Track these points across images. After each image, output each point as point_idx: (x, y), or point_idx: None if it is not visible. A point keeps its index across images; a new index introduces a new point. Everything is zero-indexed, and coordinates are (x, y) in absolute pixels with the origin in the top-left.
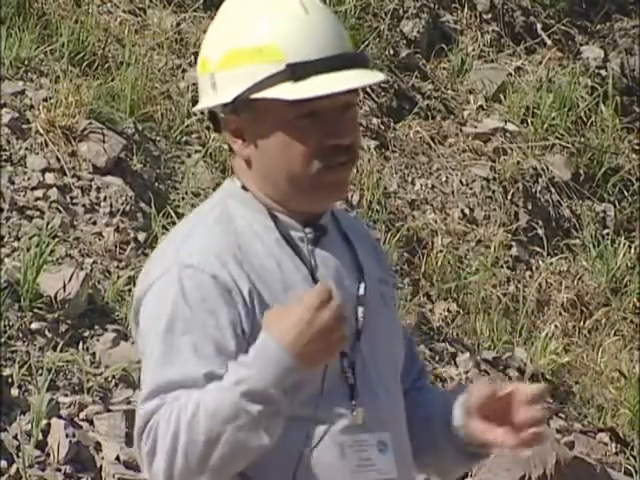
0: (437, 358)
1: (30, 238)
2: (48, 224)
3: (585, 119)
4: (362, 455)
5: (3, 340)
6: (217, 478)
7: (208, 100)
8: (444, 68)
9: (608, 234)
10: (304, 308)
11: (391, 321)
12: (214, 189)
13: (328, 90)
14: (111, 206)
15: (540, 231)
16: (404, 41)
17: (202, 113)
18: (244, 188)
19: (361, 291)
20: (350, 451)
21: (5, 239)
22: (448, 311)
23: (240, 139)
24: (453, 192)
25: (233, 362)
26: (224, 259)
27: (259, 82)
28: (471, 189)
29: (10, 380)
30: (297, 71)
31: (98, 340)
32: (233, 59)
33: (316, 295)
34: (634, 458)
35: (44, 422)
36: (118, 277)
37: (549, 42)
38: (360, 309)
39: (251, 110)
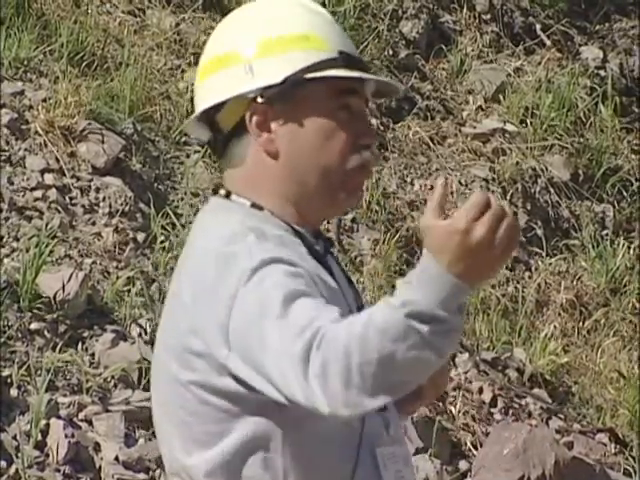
0: None
1: (29, 238)
2: (47, 224)
3: (584, 119)
4: (396, 467)
5: (2, 340)
6: (393, 396)
7: (242, 86)
8: (443, 68)
9: (607, 234)
10: (462, 223)
11: None
12: (214, 189)
13: (384, 79)
14: (110, 206)
15: (539, 231)
16: (403, 42)
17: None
18: (254, 206)
19: (359, 301)
20: (389, 463)
21: (4, 239)
22: None
23: (266, 132)
24: (452, 192)
25: (399, 280)
26: (299, 262)
27: (312, 64)
28: (470, 189)
29: (9, 380)
30: (348, 60)
31: (97, 340)
32: (276, 46)
33: (474, 207)
34: (633, 458)
35: (43, 422)
36: (117, 277)
37: (548, 42)
38: None
39: (292, 96)
